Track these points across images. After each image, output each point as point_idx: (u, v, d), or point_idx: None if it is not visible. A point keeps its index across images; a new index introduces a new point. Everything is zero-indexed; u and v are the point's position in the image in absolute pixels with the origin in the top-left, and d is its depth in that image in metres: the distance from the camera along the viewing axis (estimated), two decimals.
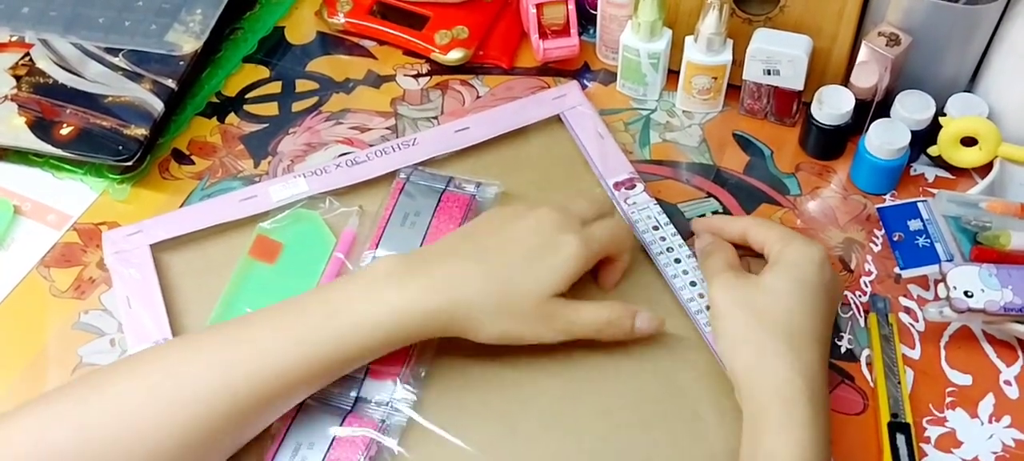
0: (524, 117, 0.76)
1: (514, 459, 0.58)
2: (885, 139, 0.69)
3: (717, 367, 0.61)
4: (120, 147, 0.72)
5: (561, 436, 0.59)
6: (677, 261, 0.66)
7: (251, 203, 0.71)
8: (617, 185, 0.71)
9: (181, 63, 0.78)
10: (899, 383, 0.60)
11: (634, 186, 0.71)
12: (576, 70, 0.82)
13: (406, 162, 0.73)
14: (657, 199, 0.70)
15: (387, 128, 0.78)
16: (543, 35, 0.81)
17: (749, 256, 0.65)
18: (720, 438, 0.58)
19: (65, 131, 0.74)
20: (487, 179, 0.71)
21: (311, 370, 0.54)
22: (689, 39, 0.75)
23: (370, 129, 0.78)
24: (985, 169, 0.70)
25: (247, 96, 0.82)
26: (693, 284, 0.65)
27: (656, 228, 0.68)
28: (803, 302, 0.57)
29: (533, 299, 0.57)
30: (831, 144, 0.73)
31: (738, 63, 0.75)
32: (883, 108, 0.72)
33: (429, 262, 0.58)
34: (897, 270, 0.66)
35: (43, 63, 0.78)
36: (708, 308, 0.63)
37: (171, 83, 0.77)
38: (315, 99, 0.81)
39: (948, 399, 0.61)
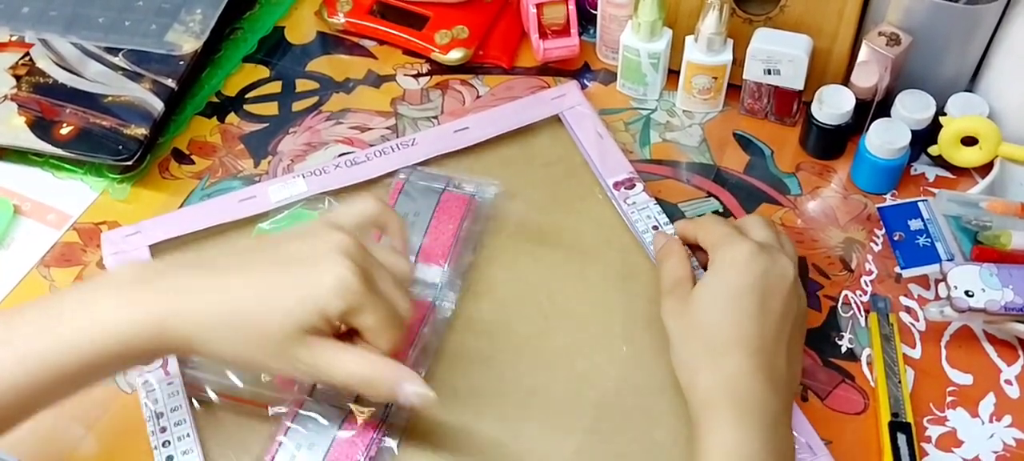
0: (523, 117, 0.76)
1: (512, 457, 0.58)
2: (885, 139, 0.69)
3: None
4: (120, 147, 0.72)
5: (562, 438, 0.59)
6: None
7: (250, 203, 0.71)
8: (616, 185, 0.71)
9: (181, 63, 0.78)
10: (900, 382, 0.60)
11: (633, 186, 0.71)
12: (576, 70, 0.82)
13: (405, 162, 0.73)
14: (657, 198, 0.70)
15: (387, 128, 0.78)
16: (543, 35, 0.81)
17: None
18: None
19: (65, 131, 0.74)
20: (486, 179, 0.71)
21: (26, 383, 0.47)
22: (689, 39, 0.75)
23: (370, 129, 0.78)
24: (985, 169, 0.70)
25: (247, 96, 0.82)
26: None
27: (656, 227, 0.68)
28: (726, 309, 0.56)
29: (271, 330, 0.48)
30: (831, 144, 0.73)
31: (738, 63, 0.75)
32: (883, 108, 0.72)
33: (169, 269, 0.50)
34: (898, 269, 0.66)
35: (43, 63, 0.78)
36: None
37: (171, 83, 0.76)
38: (315, 99, 0.81)
39: (949, 398, 0.61)
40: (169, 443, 0.58)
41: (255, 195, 0.71)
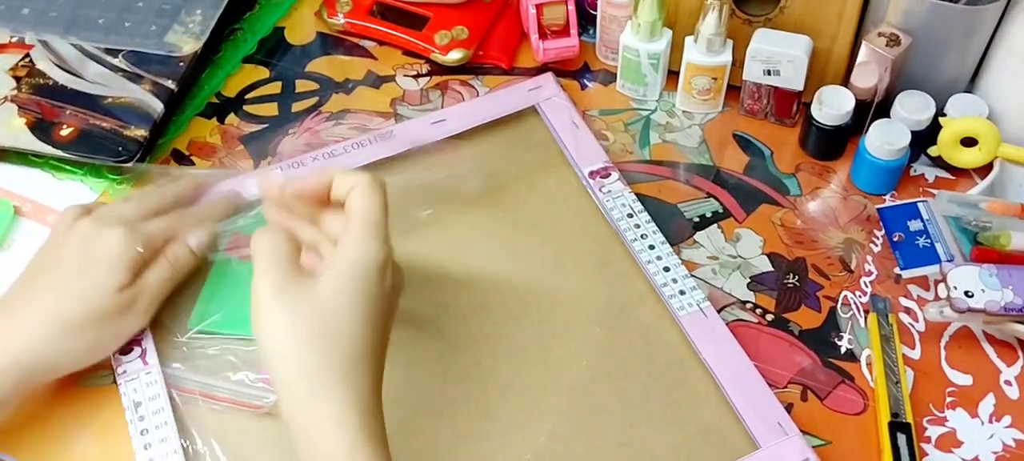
0: (500, 109, 0.77)
1: (492, 445, 0.59)
2: (885, 139, 0.69)
3: (692, 351, 0.62)
4: (120, 148, 0.72)
5: (536, 423, 0.59)
6: (651, 247, 0.67)
7: None
8: (592, 174, 0.72)
9: (181, 64, 0.78)
10: (899, 383, 0.60)
11: (609, 175, 0.72)
12: (576, 70, 0.82)
13: (383, 154, 0.73)
14: (656, 198, 0.71)
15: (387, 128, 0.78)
16: (543, 35, 0.81)
17: None
18: (695, 420, 0.59)
19: (65, 132, 0.74)
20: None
21: None
22: (689, 39, 0.75)
23: (370, 129, 0.78)
24: (985, 169, 0.70)
25: (247, 96, 0.82)
26: (667, 270, 0.66)
27: (630, 216, 0.69)
28: (365, 320, 0.49)
29: (101, 303, 0.58)
30: (831, 144, 0.73)
31: (738, 63, 0.75)
32: (883, 108, 0.72)
33: None
34: (897, 270, 0.66)
35: (43, 64, 0.78)
36: (682, 293, 0.64)
37: (171, 84, 0.76)
38: (315, 99, 0.81)
39: (948, 399, 0.61)
40: (147, 431, 0.58)
41: (233, 189, 0.70)
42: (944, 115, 0.71)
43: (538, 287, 0.66)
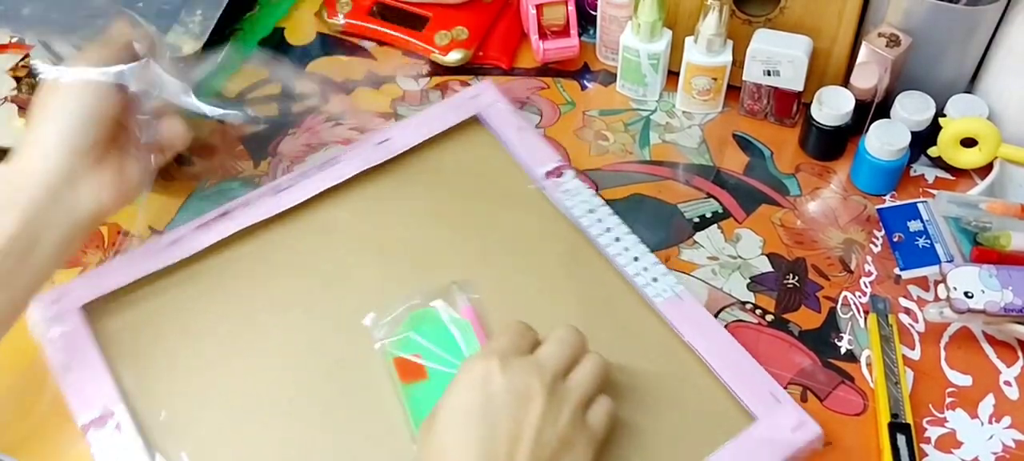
0: (443, 121, 0.76)
1: None
2: (885, 140, 0.69)
3: (675, 336, 0.62)
4: None
5: None
6: (617, 239, 0.67)
7: (176, 248, 0.68)
8: (547, 174, 0.71)
9: (181, 64, 0.78)
10: (899, 384, 0.60)
11: (562, 173, 0.71)
12: (576, 71, 0.82)
13: (327, 184, 0.71)
14: (656, 198, 0.70)
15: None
16: (543, 36, 0.81)
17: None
18: (689, 402, 0.60)
19: None
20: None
21: None
22: (689, 40, 0.75)
23: (370, 130, 0.78)
24: (985, 170, 0.70)
25: (247, 97, 0.82)
26: (636, 259, 0.66)
27: (592, 211, 0.69)
28: (455, 433, 0.51)
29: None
30: (831, 145, 0.73)
31: (738, 64, 0.75)
32: (883, 109, 0.72)
33: None
34: (897, 271, 0.66)
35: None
36: (655, 280, 0.64)
37: None
38: (315, 100, 0.81)
39: (948, 400, 0.61)
40: None
41: (181, 237, 0.69)
42: (944, 115, 0.71)
43: (512, 294, 0.66)
